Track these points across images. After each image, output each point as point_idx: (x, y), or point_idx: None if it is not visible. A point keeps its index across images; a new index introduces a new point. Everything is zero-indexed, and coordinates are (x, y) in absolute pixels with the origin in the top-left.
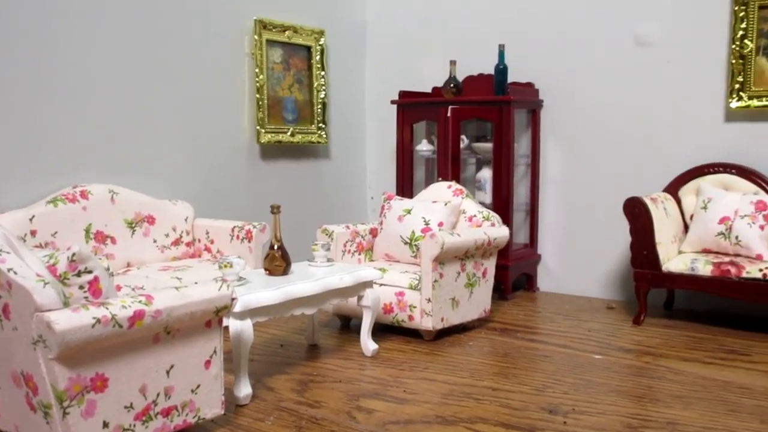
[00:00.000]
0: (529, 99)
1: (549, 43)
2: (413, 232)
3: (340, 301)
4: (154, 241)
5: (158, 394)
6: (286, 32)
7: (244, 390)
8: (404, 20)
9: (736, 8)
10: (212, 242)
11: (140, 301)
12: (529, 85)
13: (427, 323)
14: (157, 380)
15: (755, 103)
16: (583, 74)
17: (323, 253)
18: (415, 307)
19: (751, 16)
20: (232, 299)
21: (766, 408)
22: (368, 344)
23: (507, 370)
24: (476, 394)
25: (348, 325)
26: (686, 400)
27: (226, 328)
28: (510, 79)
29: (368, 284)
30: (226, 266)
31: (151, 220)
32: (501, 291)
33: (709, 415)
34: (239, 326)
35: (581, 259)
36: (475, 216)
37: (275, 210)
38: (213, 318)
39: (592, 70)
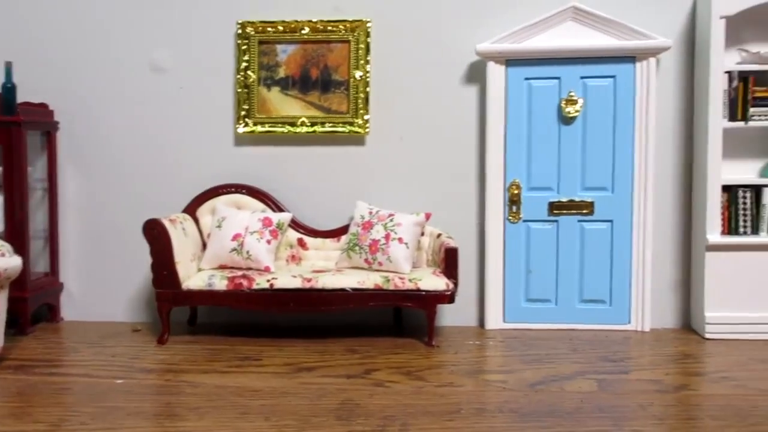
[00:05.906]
0: (42, 120)
1: (64, 63)
2: None
3: None
4: None
5: None
6: None
7: None
8: None
9: (240, 41)
10: None
11: None
12: (43, 105)
13: None
14: None
15: (259, 129)
16: (101, 97)
17: None
18: None
19: (253, 50)
20: None
21: (271, 406)
22: None
23: (20, 410)
24: None
25: None
26: (202, 410)
27: None
28: (21, 98)
29: None
30: None
31: None
32: (19, 325)
33: (221, 422)
34: None
35: (107, 284)
36: None
37: None
38: None
39: (110, 94)
